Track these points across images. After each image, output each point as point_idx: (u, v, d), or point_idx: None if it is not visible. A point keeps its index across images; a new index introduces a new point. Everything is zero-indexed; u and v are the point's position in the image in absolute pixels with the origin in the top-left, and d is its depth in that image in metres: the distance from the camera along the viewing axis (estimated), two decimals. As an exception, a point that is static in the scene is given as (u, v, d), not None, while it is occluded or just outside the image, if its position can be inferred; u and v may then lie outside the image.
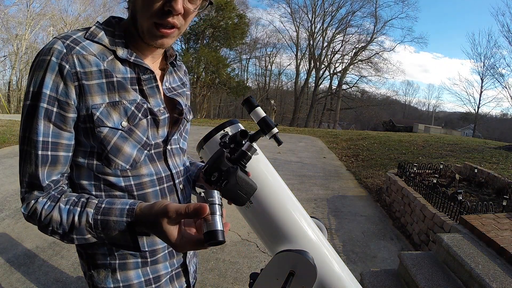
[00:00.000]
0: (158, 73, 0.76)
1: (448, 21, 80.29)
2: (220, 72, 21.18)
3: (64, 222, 0.62)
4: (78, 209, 0.63)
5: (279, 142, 0.84)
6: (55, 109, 0.62)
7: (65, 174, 0.67)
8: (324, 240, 0.82)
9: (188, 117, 0.82)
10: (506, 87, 24.75)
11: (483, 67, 25.06)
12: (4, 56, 21.79)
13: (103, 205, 0.63)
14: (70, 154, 0.66)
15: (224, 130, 0.79)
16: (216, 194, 0.57)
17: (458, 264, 1.98)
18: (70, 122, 0.63)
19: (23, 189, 0.65)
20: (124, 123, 0.66)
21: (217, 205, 0.55)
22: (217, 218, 0.54)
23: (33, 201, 0.64)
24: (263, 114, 0.82)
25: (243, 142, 0.76)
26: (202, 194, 0.57)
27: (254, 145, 0.83)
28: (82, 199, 0.64)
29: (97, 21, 0.69)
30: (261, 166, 0.79)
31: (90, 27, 0.68)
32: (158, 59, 0.76)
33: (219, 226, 0.53)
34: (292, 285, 0.69)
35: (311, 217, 0.86)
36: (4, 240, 2.71)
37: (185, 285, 0.83)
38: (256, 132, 0.81)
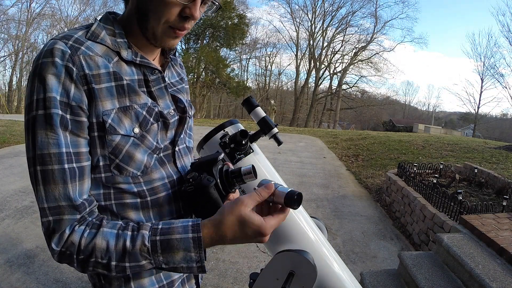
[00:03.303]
0: None
1: (448, 20, 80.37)
2: (220, 72, 21.18)
3: (112, 249, 0.54)
4: (129, 232, 0.56)
5: (279, 142, 0.84)
6: (68, 116, 0.55)
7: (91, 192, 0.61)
8: (324, 240, 0.82)
9: (190, 113, 0.79)
10: (506, 87, 24.78)
11: (483, 67, 25.07)
12: (4, 56, 21.80)
13: (159, 226, 0.57)
14: (90, 162, 0.60)
15: (224, 130, 0.79)
16: (267, 181, 0.61)
17: (458, 264, 1.98)
18: (85, 128, 0.58)
19: (48, 218, 0.54)
20: (136, 130, 0.62)
21: (274, 182, 0.60)
22: (282, 187, 0.60)
23: (67, 231, 0.55)
24: (263, 114, 0.82)
25: (243, 142, 0.76)
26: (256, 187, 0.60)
27: (255, 146, 0.83)
28: (131, 223, 0.58)
29: (95, 18, 0.64)
30: (260, 166, 0.79)
31: (90, 26, 0.62)
32: (156, 55, 0.72)
33: (286, 188, 0.59)
34: (292, 285, 0.69)
35: (311, 217, 0.86)
36: (4, 240, 2.71)
37: (195, 286, 0.81)
38: (256, 132, 0.81)
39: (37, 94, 0.54)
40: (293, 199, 0.57)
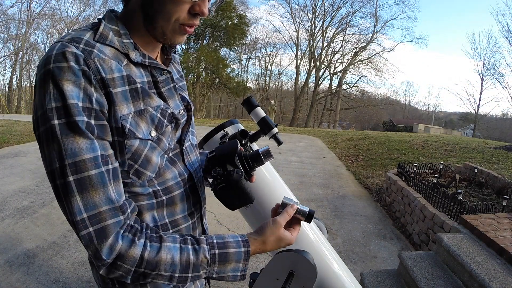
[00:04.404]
0: None
1: (448, 20, 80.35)
2: (220, 72, 21.17)
3: (177, 262, 0.58)
4: (190, 246, 0.60)
5: (279, 142, 0.84)
6: (93, 121, 0.53)
7: None
8: (324, 240, 0.82)
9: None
10: (506, 87, 24.79)
11: (483, 67, 25.04)
12: (4, 56, 21.82)
13: (214, 240, 0.63)
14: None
15: (224, 130, 0.80)
16: (288, 199, 0.74)
17: (458, 264, 1.98)
18: (109, 131, 0.56)
19: (88, 229, 0.52)
20: (153, 133, 0.62)
21: (294, 203, 0.73)
22: (300, 207, 0.73)
23: (120, 241, 0.54)
24: (263, 114, 0.82)
25: (243, 142, 0.76)
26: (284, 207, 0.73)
27: (255, 146, 0.83)
28: (187, 237, 0.62)
29: (98, 19, 0.62)
30: (261, 167, 0.79)
31: (96, 26, 0.60)
32: (157, 52, 0.70)
33: (306, 208, 0.73)
34: (292, 285, 0.69)
35: (311, 217, 0.86)
36: (4, 240, 2.71)
37: (205, 281, 0.82)
38: (256, 132, 0.81)
39: (55, 102, 0.51)
40: (310, 214, 0.73)
